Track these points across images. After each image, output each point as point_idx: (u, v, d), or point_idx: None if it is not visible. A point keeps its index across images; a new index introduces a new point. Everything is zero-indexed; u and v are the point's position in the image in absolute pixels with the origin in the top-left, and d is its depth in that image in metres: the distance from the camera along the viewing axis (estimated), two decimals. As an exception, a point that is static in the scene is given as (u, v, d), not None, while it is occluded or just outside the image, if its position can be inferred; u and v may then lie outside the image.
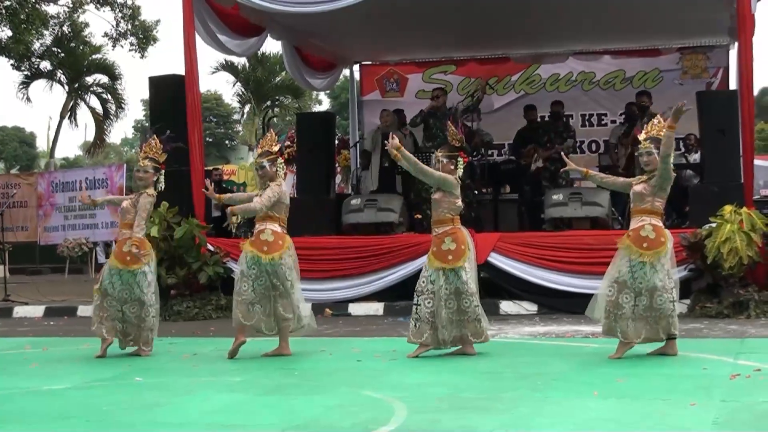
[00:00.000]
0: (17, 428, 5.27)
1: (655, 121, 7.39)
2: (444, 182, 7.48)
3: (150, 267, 8.10)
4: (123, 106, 28.83)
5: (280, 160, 7.91)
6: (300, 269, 9.95)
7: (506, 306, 11.02)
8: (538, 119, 14.00)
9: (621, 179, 7.77)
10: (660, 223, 7.18)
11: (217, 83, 79.69)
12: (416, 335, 7.48)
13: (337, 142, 15.69)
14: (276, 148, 7.94)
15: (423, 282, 7.49)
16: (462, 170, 7.63)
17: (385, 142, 7.78)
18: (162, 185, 8.22)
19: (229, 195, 9.17)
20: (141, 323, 8.00)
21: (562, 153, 8.26)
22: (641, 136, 7.36)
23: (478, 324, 7.49)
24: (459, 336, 7.49)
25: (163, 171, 8.23)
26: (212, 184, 12.98)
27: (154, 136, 8.43)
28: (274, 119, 40.06)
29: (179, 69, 12.41)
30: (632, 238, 7.13)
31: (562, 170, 8.29)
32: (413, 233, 12.31)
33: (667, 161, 7.02)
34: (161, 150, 8.28)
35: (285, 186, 8.01)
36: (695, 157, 13.56)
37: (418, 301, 7.49)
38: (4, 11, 22.36)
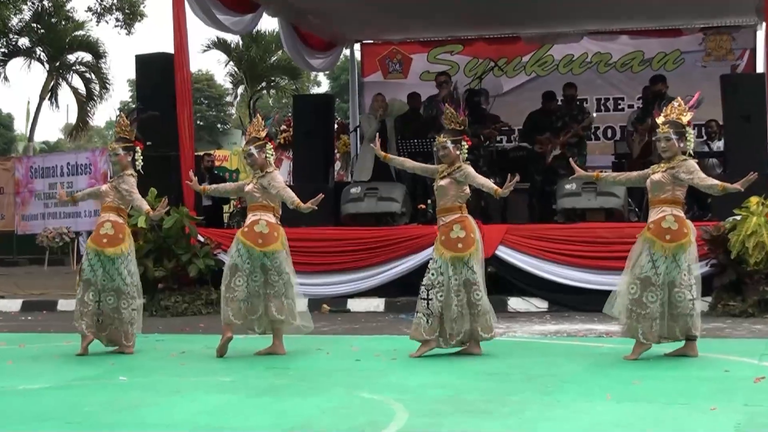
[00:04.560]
0: (-7, 430, 5.29)
1: (675, 104, 7.34)
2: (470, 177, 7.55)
3: (129, 257, 8.11)
4: (107, 86, 28.84)
5: (269, 145, 7.92)
6: (296, 262, 9.98)
7: (515, 303, 11.03)
8: (547, 108, 13.98)
9: (635, 173, 7.71)
10: (682, 214, 7.17)
11: (209, 62, 79.90)
12: (429, 332, 7.47)
13: (336, 126, 15.68)
14: (264, 134, 7.94)
15: (433, 275, 7.48)
16: (466, 154, 7.64)
17: (372, 145, 8.03)
18: (140, 163, 8.22)
19: (214, 186, 9.17)
20: (119, 316, 8.00)
21: (571, 160, 8.24)
22: (659, 120, 7.33)
23: (488, 317, 7.51)
24: (469, 331, 7.49)
25: (139, 149, 8.23)
26: (197, 172, 13.00)
27: (121, 114, 8.47)
28: (269, 101, 40.04)
29: (168, 47, 12.41)
30: (653, 230, 7.11)
31: (571, 177, 8.27)
32: (416, 224, 12.32)
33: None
34: (130, 126, 8.30)
35: (278, 173, 8.03)
36: (718, 144, 13.54)
37: (429, 295, 7.46)
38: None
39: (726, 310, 10.05)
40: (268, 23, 41.74)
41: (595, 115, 14.82)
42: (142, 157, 8.27)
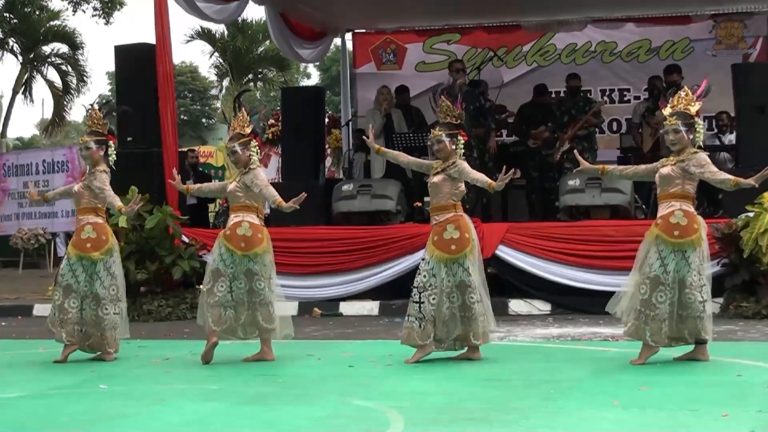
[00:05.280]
0: (-35, 442, 5.29)
1: (682, 93, 7.35)
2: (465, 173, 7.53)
3: (113, 257, 8.12)
4: (85, 79, 28.78)
5: (254, 142, 7.90)
6: (285, 263, 9.99)
7: (516, 305, 11.04)
8: (550, 101, 14.03)
9: (643, 167, 7.72)
10: (692, 209, 7.18)
11: (192, 54, 79.86)
12: (422, 336, 7.48)
13: (327, 120, 15.68)
14: (248, 130, 7.93)
15: (425, 277, 7.49)
16: (462, 149, 7.65)
17: (364, 137, 8.03)
18: (113, 158, 8.22)
19: (198, 186, 9.14)
20: (101, 322, 7.99)
21: (576, 152, 8.24)
22: (666, 111, 7.34)
23: (481, 322, 7.51)
24: (463, 335, 7.50)
25: (112, 143, 8.24)
26: (181, 169, 12.98)
27: (93, 106, 8.46)
28: (257, 94, 39.98)
29: (149, 37, 12.41)
30: (661, 226, 7.12)
31: (575, 170, 8.26)
32: (412, 223, 12.33)
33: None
34: (103, 120, 8.30)
35: (262, 171, 8.02)
36: (730, 138, 13.57)
37: (420, 298, 7.47)
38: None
39: (738, 311, 10.07)
40: (255, 11, 41.76)
41: (606, 99, 14.84)
42: (115, 152, 8.25)
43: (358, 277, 11.61)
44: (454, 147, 7.59)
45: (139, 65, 12.32)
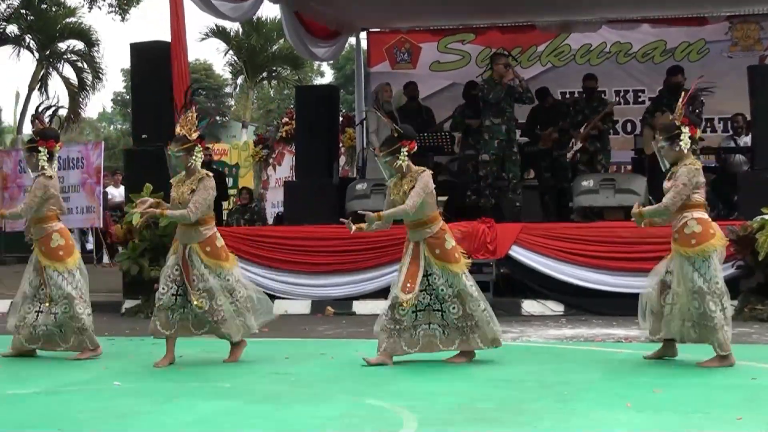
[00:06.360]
0: (-21, 437, 5.30)
1: (679, 104, 7.35)
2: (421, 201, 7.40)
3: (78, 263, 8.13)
4: (101, 76, 28.84)
5: (198, 148, 7.64)
6: (299, 262, 9.97)
7: (529, 305, 11.00)
8: (556, 102, 14.03)
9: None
10: (705, 215, 7.16)
11: (207, 51, 79.95)
12: (446, 343, 7.46)
13: (341, 119, 15.67)
14: (195, 135, 7.66)
15: (442, 290, 7.40)
16: (407, 157, 7.48)
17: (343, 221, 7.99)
18: (42, 164, 7.89)
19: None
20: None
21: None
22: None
23: (491, 327, 7.51)
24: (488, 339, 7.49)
25: (42, 148, 7.89)
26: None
27: (37, 110, 8.37)
28: (270, 92, 39.98)
29: (164, 34, 12.44)
30: (679, 240, 7.11)
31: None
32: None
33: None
34: (34, 127, 8.24)
35: (210, 180, 7.82)
36: (745, 140, 13.50)
37: (444, 308, 7.42)
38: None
39: (753, 314, 10.03)
40: (269, 10, 41.79)
41: (615, 99, 14.80)
42: (46, 156, 7.91)
43: (371, 276, 11.59)
44: (399, 162, 7.47)
45: (154, 63, 12.35)
